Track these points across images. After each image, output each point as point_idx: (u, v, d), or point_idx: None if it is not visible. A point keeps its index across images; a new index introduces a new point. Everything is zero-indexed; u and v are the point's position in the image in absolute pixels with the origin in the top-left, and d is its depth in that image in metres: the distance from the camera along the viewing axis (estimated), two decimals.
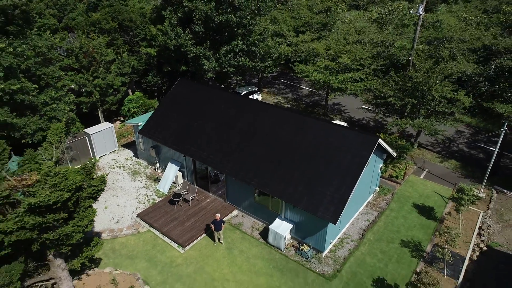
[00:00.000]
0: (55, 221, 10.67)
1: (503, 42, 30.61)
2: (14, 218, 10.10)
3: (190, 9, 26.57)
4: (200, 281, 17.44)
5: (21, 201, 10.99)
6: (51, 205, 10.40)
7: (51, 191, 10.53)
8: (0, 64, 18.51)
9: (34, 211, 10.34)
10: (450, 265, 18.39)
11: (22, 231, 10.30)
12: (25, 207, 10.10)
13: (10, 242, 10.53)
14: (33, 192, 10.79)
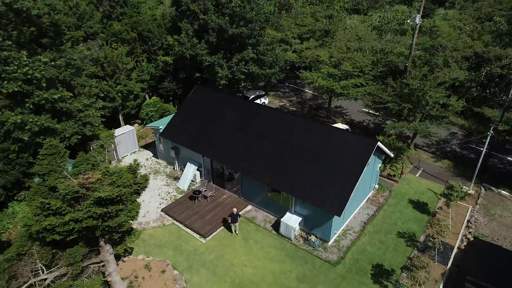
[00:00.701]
0: (115, 212, 13.14)
1: (493, 51, 33.08)
2: (84, 209, 12.58)
3: (206, 22, 29.03)
4: (221, 267, 19.97)
5: (85, 195, 13.44)
6: (113, 198, 12.88)
7: (112, 187, 13.02)
8: (43, 76, 20.98)
9: (100, 204, 12.83)
10: (440, 253, 20.92)
11: (90, 220, 12.78)
12: (94, 199, 12.59)
13: (79, 229, 13.03)
14: (96, 188, 13.26)
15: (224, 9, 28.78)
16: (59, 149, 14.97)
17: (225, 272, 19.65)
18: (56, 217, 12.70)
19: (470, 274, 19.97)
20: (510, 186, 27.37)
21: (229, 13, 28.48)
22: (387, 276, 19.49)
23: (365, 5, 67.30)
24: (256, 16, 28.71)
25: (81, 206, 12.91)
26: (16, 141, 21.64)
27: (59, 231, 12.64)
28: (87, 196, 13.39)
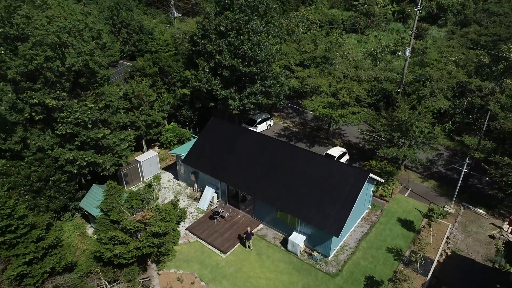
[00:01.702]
0: (166, 241, 17.20)
1: (474, 82, 37.25)
2: (144, 239, 16.66)
3: (220, 61, 33.15)
4: (239, 278, 24.07)
5: (141, 229, 17.51)
6: (164, 231, 17.00)
7: (164, 222, 17.11)
8: (89, 119, 25.07)
9: (155, 235, 16.93)
10: (422, 266, 25.05)
11: (148, 248, 16.85)
12: (151, 232, 16.68)
13: (138, 255, 17.11)
14: (151, 223, 17.34)
15: (237, 50, 32.92)
16: (117, 190, 19.04)
17: (243, 283, 23.76)
18: (122, 246, 16.79)
19: (446, 284, 24.09)
20: (486, 205, 31.49)
21: (241, 54, 32.63)
22: (377, 286, 23.62)
23: (362, 24, 71.40)
24: (265, 57, 32.85)
25: (141, 237, 17.00)
26: (65, 173, 25.75)
27: (125, 257, 16.72)
28: (144, 229, 17.50)
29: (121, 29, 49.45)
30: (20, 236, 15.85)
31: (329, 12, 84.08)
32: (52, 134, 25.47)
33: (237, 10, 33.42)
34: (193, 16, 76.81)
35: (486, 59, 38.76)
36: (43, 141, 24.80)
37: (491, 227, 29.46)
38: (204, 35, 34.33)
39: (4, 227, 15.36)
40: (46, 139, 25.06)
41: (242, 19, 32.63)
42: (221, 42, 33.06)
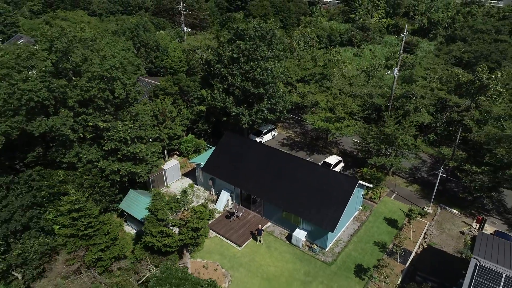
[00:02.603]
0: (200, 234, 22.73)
1: (453, 98, 42.78)
2: (186, 233, 22.17)
3: (233, 83, 38.74)
4: (253, 266, 29.62)
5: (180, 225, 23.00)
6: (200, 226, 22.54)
7: (199, 220, 22.62)
8: (129, 137, 30.61)
9: (194, 230, 22.46)
10: (402, 256, 30.59)
11: (188, 239, 22.38)
12: (190, 227, 22.20)
13: (179, 245, 22.65)
14: (189, 220, 22.84)
15: (247, 74, 38.51)
16: (161, 195, 24.60)
17: (256, 270, 29.31)
18: (169, 238, 22.35)
19: (421, 270, 29.62)
20: (460, 206, 37.06)
21: (251, 77, 38.22)
22: (364, 272, 29.17)
23: (358, 38, 77.01)
24: (271, 80, 38.43)
25: (182, 231, 22.57)
26: (108, 180, 31.32)
27: (171, 246, 22.27)
28: (184, 225, 23.06)
29: (140, 48, 55.01)
30: (95, 230, 21.21)
31: (328, 24, 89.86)
32: (98, 149, 31.03)
33: (247, 39, 39.03)
34: (200, 29, 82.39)
35: (465, 78, 44.21)
36: (92, 155, 30.37)
37: (462, 224, 35.05)
38: (219, 60, 39.92)
39: (86, 224, 20.74)
40: (94, 153, 30.63)
41: (251, 47, 38.23)
42: (234, 67, 38.66)
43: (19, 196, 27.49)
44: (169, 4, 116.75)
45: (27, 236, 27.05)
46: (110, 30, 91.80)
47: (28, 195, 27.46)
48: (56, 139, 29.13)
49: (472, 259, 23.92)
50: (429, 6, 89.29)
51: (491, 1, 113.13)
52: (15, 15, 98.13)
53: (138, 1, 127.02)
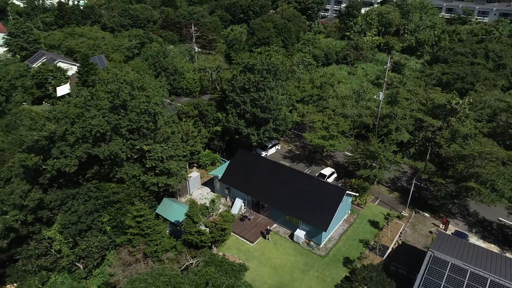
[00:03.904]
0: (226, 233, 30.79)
1: (428, 119, 50.87)
2: (216, 232, 30.22)
3: (244, 109, 46.92)
4: (263, 258, 37.73)
5: (211, 226, 31.04)
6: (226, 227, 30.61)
7: (226, 223, 30.68)
8: (165, 156, 38.67)
9: (222, 230, 30.53)
10: (380, 251, 38.71)
11: (218, 236, 30.46)
12: (220, 228, 30.25)
13: (211, 241, 30.71)
14: (218, 223, 30.87)
15: (256, 101, 46.70)
16: (195, 204, 32.68)
17: (266, 261, 37.44)
18: (204, 236, 30.49)
19: (395, 262, 37.72)
20: (431, 210, 45.17)
21: (260, 105, 46.41)
22: (350, 263, 37.34)
23: (352, 57, 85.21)
24: (276, 106, 46.63)
25: (213, 231, 30.74)
26: (147, 190, 39.40)
27: (205, 242, 30.40)
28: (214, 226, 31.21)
29: (160, 72, 63.13)
30: (152, 230, 29.16)
31: (325, 42, 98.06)
32: (139, 166, 39.14)
33: (256, 72, 47.22)
34: (209, 49, 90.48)
35: (439, 101, 52.30)
36: (135, 171, 38.49)
37: (431, 225, 43.22)
38: (233, 89, 48.09)
39: (145, 226, 28.75)
40: (136, 169, 38.74)
41: (259, 79, 46.43)
42: (245, 95, 46.84)
43: (82, 204, 35.64)
44: (176, 18, 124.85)
45: (90, 235, 35.21)
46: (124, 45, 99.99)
47: (90, 203, 35.63)
48: (109, 159, 37.27)
49: (428, 252, 32.12)
50: (418, 25, 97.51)
51: (478, 16, 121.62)
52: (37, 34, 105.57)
53: (146, 14, 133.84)
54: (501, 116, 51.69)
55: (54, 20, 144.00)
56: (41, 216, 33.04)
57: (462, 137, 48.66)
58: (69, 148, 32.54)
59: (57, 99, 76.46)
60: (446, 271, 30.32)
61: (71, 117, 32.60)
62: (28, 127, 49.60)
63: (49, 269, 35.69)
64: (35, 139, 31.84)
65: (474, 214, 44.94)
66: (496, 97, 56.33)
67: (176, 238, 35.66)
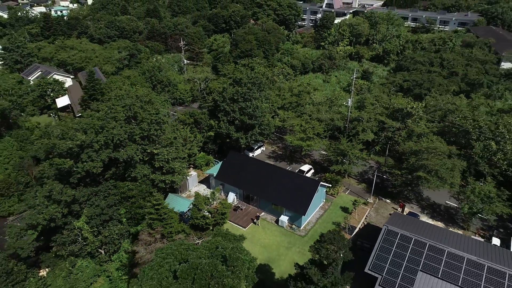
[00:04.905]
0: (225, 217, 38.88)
1: (389, 121, 60.29)
2: (218, 216, 38.24)
3: (234, 116, 55.18)
4: (254, 240, 45.96)
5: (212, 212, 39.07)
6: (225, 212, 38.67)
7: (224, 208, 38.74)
8: (171, 158, 46.43)
9: (222, 214, 38.58)
10: (349, 230, 47.55)
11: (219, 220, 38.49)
12: (220, 213, 38.34)
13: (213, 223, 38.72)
14: (219, 209, 38.87)
15: (244, 110, 55.05)
16: (200, 195, 40.61)
17: (256, 241, 45.70)
18: (208, 219, 38.52)
19: (361, 238, 46.61)
20: (391, 197, 54.44)
21: (247, 113, 54.78)
22: None
23: (326, 66, 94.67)
24: (261, 114, 55.11)
25: (215, 215, 38.84)
26: (155, 187, 47.07)
27: (209, 224, 38.45)
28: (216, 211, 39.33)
29: (156, 85, 70.63)
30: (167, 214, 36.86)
31: (302, 51, 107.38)
32: (148, 166, 46.81)
33: (243, 85, 55.60)
34: (197, 60, 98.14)
35: (397, 106, 61.82)
36: (145, 171, 46.15)
37: (392, 209, 52.47)
38: (223, 100, 56.29)
39: (163, 213, 36.49)
40: (146, 170, 46.40)
41: (246, 91, 54.84)
42: (234, 105, 55.12)
43: (103, 199, 43.08)
44: (161, 29, 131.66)
45: (111, 224, 42.69)
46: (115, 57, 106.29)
47: (110, 198, 43.12)
48: (124, 162, 44.83)
49: (384, 226, 41.14)
50: (385, 35, 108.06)
51: (440, 25, 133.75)
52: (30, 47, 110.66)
53: (132, 26, 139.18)
54: (449, 117, 61.71)
55: (40, 32, 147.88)
56: (73, 209, 40.30)
57: (417, 135, 58.29)
58: (95, 153, 40.01)
59: (57, 110, 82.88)
60: (396, 239, 39.36)
61: (96, 128, 40.08)
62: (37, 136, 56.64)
63: (76, 255, 42.94)
64: (70, 147, 39.07)
65: (427, 199, 54.50)
66: (447, 100, 66.50)
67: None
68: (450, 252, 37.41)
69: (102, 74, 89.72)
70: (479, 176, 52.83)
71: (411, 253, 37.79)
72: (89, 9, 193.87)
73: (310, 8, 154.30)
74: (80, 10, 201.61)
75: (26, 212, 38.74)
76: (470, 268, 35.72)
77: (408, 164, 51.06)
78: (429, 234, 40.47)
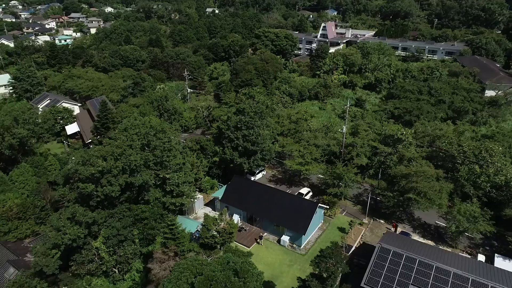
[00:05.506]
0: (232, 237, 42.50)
1: (381, 147, 64.90)
2: (225, 235, 41.86)
3: (237, 143, 59.57)
4: (257, 259, 49.31)
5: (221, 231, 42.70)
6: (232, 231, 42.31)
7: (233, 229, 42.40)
8: (181, 182, 50.34)
9: (229, 233, 42.23)
10: (346, 249, 51.10)
11: (227, 239, 42.10)
12: (228, 232, 41.92)
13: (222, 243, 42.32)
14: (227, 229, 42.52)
15: (247, 137, 59.51)
16: (208, 216, 44.30)
17: (260, 260, 49.07)
18: (216, 238, 42.15)
19: (357, 256, 50.12)
20: (385, 217, 58.27)
21: (250, 140, 59.23)
22: None
23: (322, 94, 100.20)
24: (262, 141, 59.57)
25: (223, 235, 42.49)
26: (165, 209, 50.69)
27: (218, 243, 42.03)
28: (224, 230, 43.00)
29: (163, 113, 75.27)
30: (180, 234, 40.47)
31: (299, 80, 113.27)
32: (160, 190, 50.64)
33: (246, 114, 60.30)
34: (199, 89, 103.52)
35: (389, 132, 66.60)
36: (157, 194, 49.95)
37: (385, 229, 56.22)
38: (228, 128, 60.83)
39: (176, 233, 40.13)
40: (158, 193, 50.21)
41: (249, 120, 59.50)
42: (238, 133, 59.63)
43: (118, 221, 46.66)
44: (164, 58, 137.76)
45: (126, 244, 46.09)
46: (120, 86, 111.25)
47: (125, 220, 46.72)
48: (137, 186, 48.69)
49: (377, 244, 44.89)
50: (377, 64, 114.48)
51: (428, 54, 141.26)
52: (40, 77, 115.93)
53: (136, 55, 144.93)
54: (436, 143, 66.46)
55: (46, 60, 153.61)
56: (92, 230, 43.80)
57: (407, 160, 62.75)
58: (114, 178, 43.96)
59: (67, 136, 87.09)
60: (389, 256, 43.04)
61: (115, 155, 44.20)
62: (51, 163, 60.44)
63: (92, 274, 46.05)
64: (92, 173, 42.98)
65: (418, 219, 58.39)
66: (435, 127, 71.52)
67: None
68: (438, 267, 41.08)
69: (110, 102, 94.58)
70: (465, 197, 56.99)
71: (403, 268, 41.40)
72: (92, 38, 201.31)
73: (305, 38, 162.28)
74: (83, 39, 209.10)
75: (49, 233, 42.10)
76: (456, 281, 39.36)
77: (399, 186, 55.23)
78: (419, 251, 44.19)
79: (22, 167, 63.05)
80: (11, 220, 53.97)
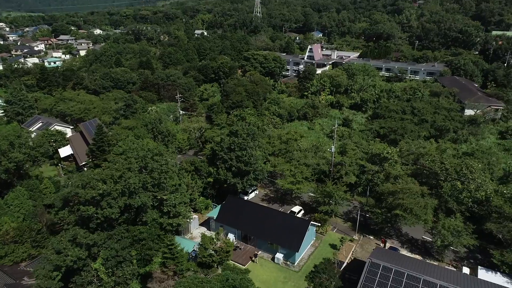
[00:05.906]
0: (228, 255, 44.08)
1: (368, 166, 67.75)
2: (222, 254, 43.46)
3: (231, 164, 61.70)
4: (253, 276, 50.74)
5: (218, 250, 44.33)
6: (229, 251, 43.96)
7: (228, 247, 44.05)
8: (177, 203, 51.96)
9: (226, 252, 43.84)
10: (338, 265, 53.02)
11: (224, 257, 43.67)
12: (225, 251, 43.55)
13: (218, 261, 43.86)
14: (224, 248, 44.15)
15: (240, 158, 61.73)
16: (205, 235, 45.89)
17: (255, 277, 50.51)
18: (214, 257, 43.71)
19: (348, 271, 52.03)
20: (374, 233, 60.56)
21: (243, 160, 61.46)
22: None
23: (310, 114, 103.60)
24: (255, 161, 61.85)
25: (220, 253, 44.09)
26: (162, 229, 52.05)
27: (215, 261, 43.57)
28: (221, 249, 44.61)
29: (157, 135, 77.11)
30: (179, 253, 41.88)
31: (288, 100, 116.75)
32: (157, 211, 52.10)
33: (239, 136, 62.72)
34: (191, 111, 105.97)
35: (375, 151, 69.66)
36: (154, 215, 51.39)
37: (375, 245, 58.44)
38: (221, 149, 63.03)
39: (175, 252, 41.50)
40: (155, 214, 51.65)
41: (242, 141, 61.89)
42: (232, 154, 61.86)
43: (116, 243, 47.84)
44: (154, 80, 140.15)
45: (124, 265, 47.17)
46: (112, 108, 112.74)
47: (123, 241, 47.94)
48: (135, 207, 50.14)
49: (367, 259, 47.01)
50: (362, 85, 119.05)
51: (410, 75, 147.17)
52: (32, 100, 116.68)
53: (126, 77, 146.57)
54: (420, 161, 69.73)
55: (36, 83, 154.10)
56: (92, 252, 44.87)
57: (393, 177, 65.68)
58: (114, 200, 45.44)
59: (60, 159, 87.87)
60: (379, 270, 45.15)
61: (114, 178, 45.81)
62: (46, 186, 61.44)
63: None
64: (93, 195, 44.41)
65: (405, 235, 60.86)
66: (418, 145, 75.01)
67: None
68: (425, 279, 43.30)
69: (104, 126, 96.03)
70: (449, 212, 59.85)
71: (392, 282, 43.50)
72: (82, 61, 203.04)
73: (293, 59, 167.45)
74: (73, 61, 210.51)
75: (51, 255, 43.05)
76: None
77: (386, 203, 57.84)
78: (407, 265, 46.43)
79: (17, 190, 63.73)
80: (7, 244, 54.48)
